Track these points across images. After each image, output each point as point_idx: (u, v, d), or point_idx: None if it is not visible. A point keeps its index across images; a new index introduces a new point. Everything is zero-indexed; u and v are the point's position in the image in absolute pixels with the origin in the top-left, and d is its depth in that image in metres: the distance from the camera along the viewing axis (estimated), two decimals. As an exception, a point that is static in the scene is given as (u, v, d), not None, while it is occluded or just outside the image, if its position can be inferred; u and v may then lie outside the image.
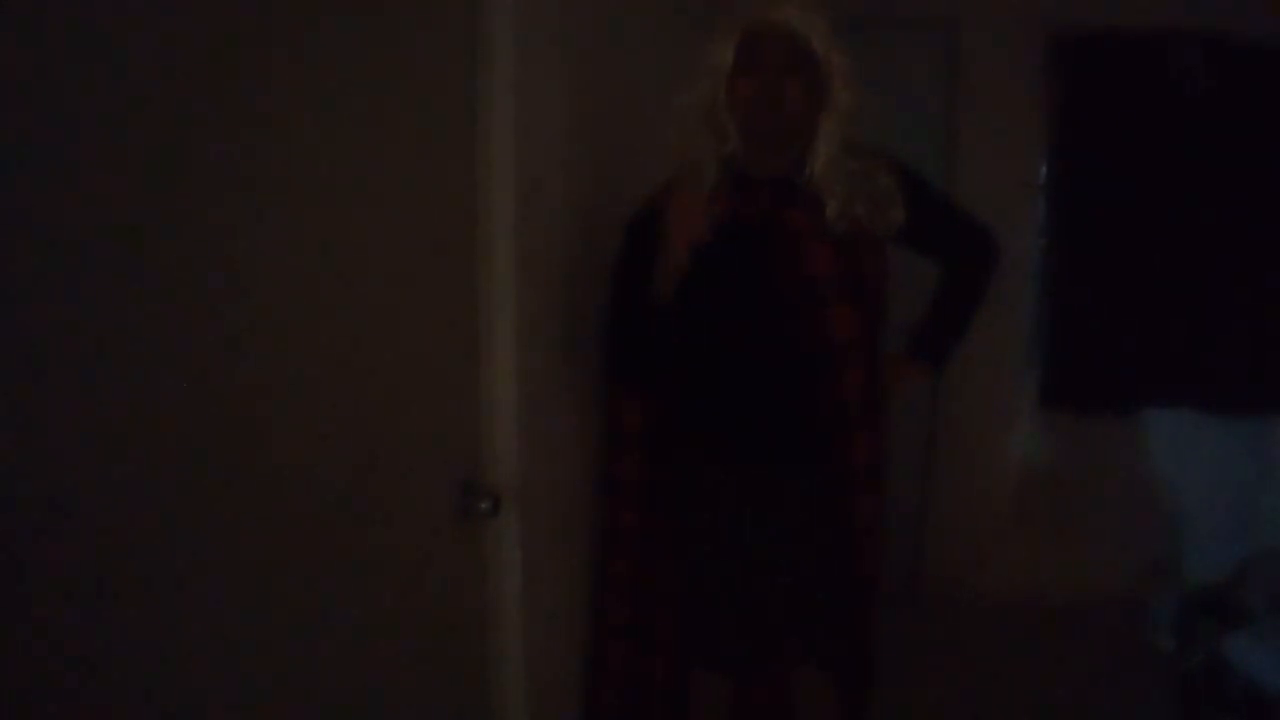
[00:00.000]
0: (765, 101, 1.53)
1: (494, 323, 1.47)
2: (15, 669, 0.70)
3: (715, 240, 1.49)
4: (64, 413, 0.73)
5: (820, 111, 1.57)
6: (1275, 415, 3.09)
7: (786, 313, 1.63)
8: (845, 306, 1.62)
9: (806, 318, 1.62)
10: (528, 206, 1.52)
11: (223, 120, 0.88)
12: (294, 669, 1.04)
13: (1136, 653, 2.85)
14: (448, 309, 1.39)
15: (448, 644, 1.45)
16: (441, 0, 1.32)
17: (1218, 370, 3.04)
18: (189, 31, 0.83)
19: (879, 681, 1.90)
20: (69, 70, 0.72)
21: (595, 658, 1.92)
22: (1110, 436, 3.19)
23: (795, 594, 1.72)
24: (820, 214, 1.59)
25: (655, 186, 1.70)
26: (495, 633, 1.55)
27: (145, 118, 0.79)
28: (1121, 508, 3.20)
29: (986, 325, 1.98)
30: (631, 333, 1.65)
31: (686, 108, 1.60)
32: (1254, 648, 2.52)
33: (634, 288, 1.60)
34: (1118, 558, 3.15)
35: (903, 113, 3.03)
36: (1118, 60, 2.96)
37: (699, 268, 1.50)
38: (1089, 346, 3.12)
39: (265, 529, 0.97)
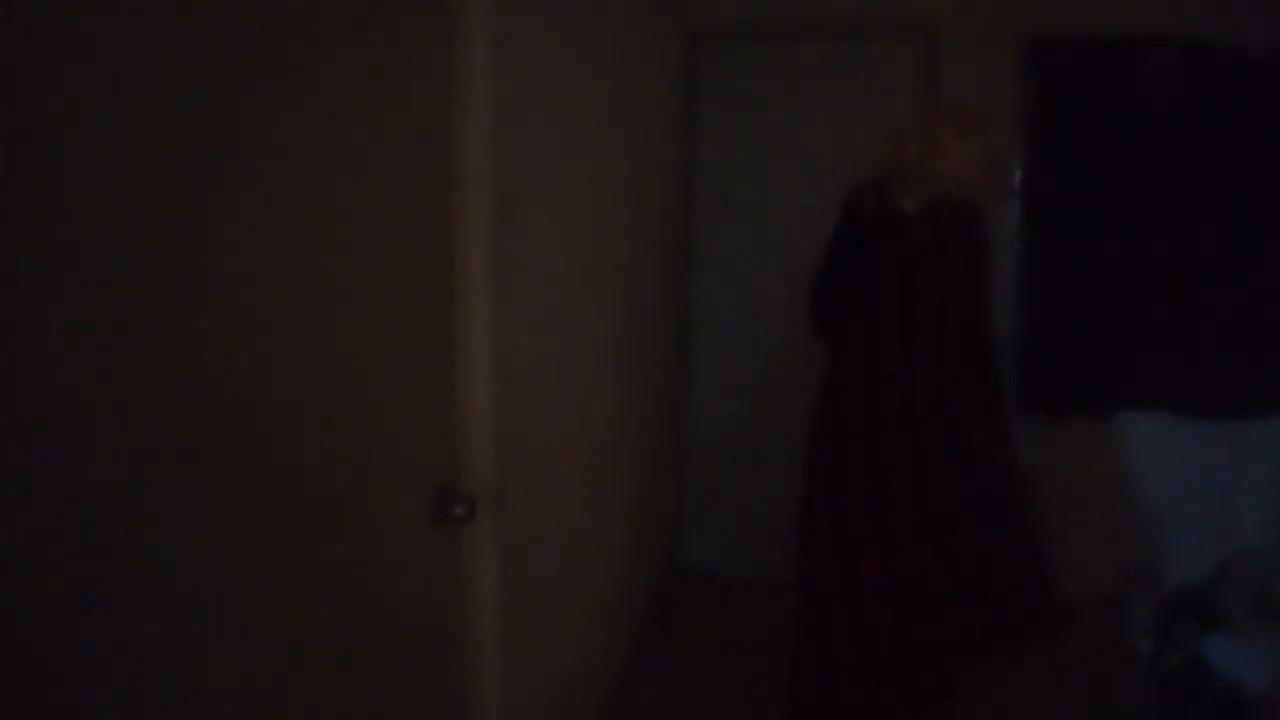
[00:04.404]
0: None
1: (470, 330, 1.48)
2: (12, 667, 0.71)
3: None
4: (57, 413, 0.74)
5: None
6: (1252, 418, 3.12)
7: None
8: None
9: None
10: (504, 216, 1.53)
11: (208, 134, 0.88)
12: (269, 672, 1.05)
13: (1116, 654, 2.87)
14: (424, 316, 1.39)
15: (425, 647, 1.45)
16: (423, 10, 1.33)
17: (1195, 373, 3.07)
18: (181, 40, 0.84)
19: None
20: (67, 73, 0.72)
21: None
22: (1089, 440, 3.21)
23: None
24: None
25: None
26: (472, 635, 1.55)
27: (137, 127, 0.80)
28: (1100, 510, 3.23)
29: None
30: None
31: None
32: (1232, 649, 2.54)
33: None
34: (1097, 560, 3.18)
35: (881, 115, 3.06)
36: (1093, 64, 2.99)
37: None
38: (1066, 350, 3.14)
39: (241, 534, 0.97)
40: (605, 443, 2.46)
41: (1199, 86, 2.93)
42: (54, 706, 0.76)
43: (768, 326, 3.28)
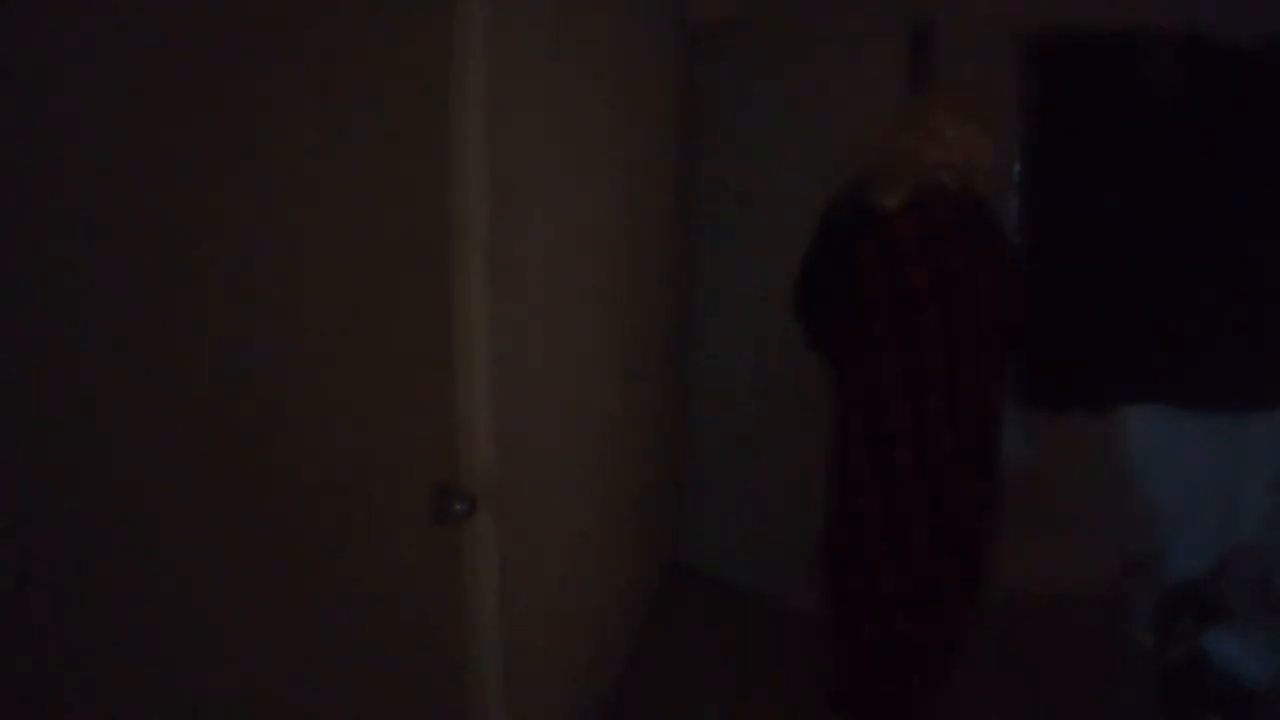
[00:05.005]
0: None
1: (469, 327, 1.47)
2: (10, 668, 0.71)
3: None
4: (59, 413, 0.74)
5: None
6: (1253, 412, 3.12)
7: None
8: None
9: None
10: (503, 213, 1.53)
11: (205, 133, 0.88)
12: (268, 671, 1.05)
13: (1117, 648, 2.87)
14: (423, 313, 1.39)
15: (426, 645, 1.45)
16: (419, 8, 1.33)
17: (1195, 367, 3.07)
18: (180, 41, 0.84)
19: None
20: (68, 71, 0.72)
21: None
22: (1090, 434, 3.21)
23: None
24: None
25: None
26: (473, 632, 1.55)
27: (136, 126, 0.80)
28: (1101, 504, 3.23)
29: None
30: None
31: None
32: (1232, 642, 2.54)
33: None
34: (1098, 554, 3.18)
35: (881, 112, 3.06)
36: (1091, 58, 2.99)
37: None
38: (1066, 344, 3.14)
39: (240, 533, 0.97)
40: (606, 441, 2.46)
41: (1197, 82, 2.93)
42: (56, 707, 0.76)
43: (771, 324, 3.27)
